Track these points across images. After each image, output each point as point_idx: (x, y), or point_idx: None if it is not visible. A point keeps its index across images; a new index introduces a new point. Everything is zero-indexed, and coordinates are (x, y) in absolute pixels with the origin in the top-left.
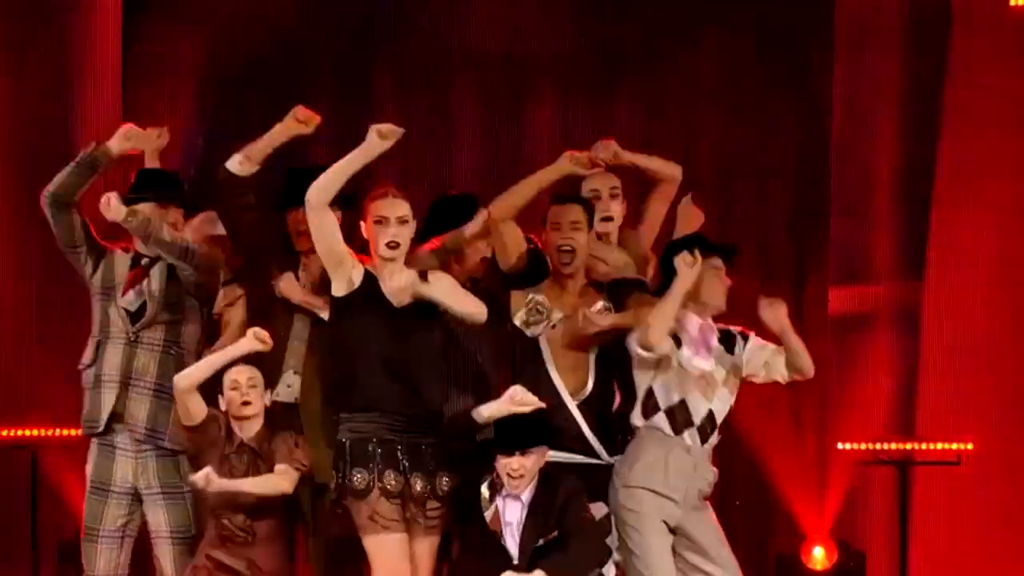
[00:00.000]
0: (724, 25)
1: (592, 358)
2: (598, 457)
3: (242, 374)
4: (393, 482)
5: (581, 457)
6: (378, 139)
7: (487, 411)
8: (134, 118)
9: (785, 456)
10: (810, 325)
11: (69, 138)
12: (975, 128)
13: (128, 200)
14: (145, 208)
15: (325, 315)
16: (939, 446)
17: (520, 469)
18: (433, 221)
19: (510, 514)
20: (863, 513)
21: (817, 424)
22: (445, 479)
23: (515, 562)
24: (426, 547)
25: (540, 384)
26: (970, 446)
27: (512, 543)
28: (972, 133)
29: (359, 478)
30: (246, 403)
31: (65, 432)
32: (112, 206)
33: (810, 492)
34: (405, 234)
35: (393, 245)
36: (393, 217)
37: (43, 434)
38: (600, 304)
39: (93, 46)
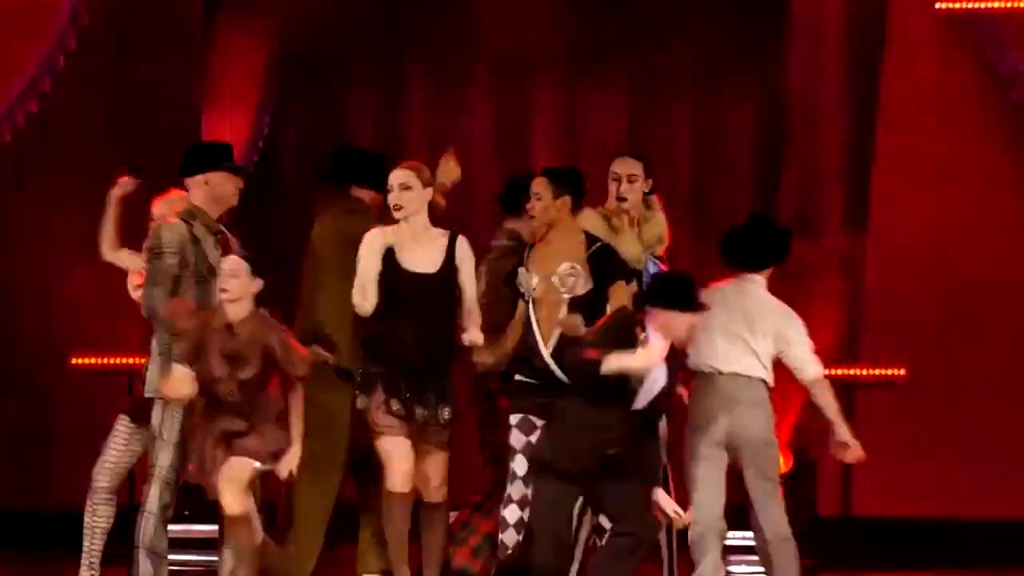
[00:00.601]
0: (699, 24)
1: (562, 313)
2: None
3: (227, 264)
4: (395, 406)
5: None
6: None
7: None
8: (214, 100)
9: None
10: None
11: (153, 119)
12: (908, 105)
13: (191, 170)
14: (218, 176)
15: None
16: (877, 372)
17: None
18: (509, 198)
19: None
20: (815, 427)
21: None
22: (446, 411)
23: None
24: (434, 462)
25: (528, 332)
26: (903, 372)
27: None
28: (906, 109)
29: (361, 400)
30: (223, 290)
31: None
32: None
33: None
34: (407, 198)
35: (396, 208)
36: (396, 184)
37: (138, 361)
38: (566, 265)
39: (178, 39)
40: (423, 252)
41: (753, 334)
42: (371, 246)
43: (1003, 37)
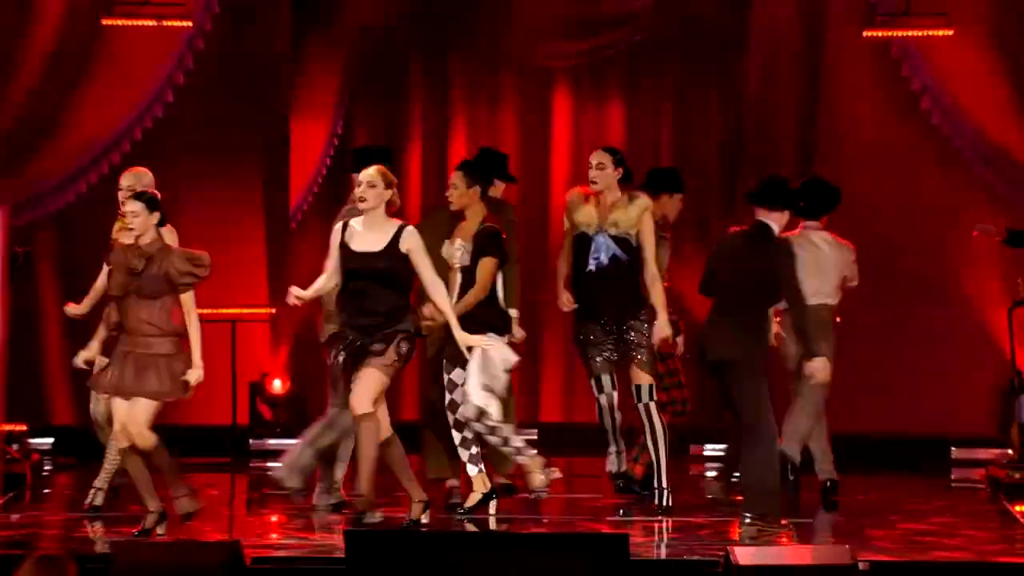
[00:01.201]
0: (679, 44)
1: (458, 276)
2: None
3: (129, 206)
4: (340, 360)
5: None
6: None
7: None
8: (299, 108)
9: None
10: None
11: (251, 122)
12: (843, 109)
13: (358, 168)
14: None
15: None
16: None
17: None
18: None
19: None
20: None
21: None
22: (376, 345)
23: None
24: (363, 376)
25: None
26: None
27: None
28: (841, 112)
29: (333, 353)
30: (130, 228)
31: (255, 310)
32: None
33: None
34: (371, 193)
35: (360, 200)
36: (364, 181)
37: (239, 311)
38: (458, 242)
39: (271, 58)
40: (373, 237)
41: (826, 269)
42: (332, 238)
43: (915, 59)
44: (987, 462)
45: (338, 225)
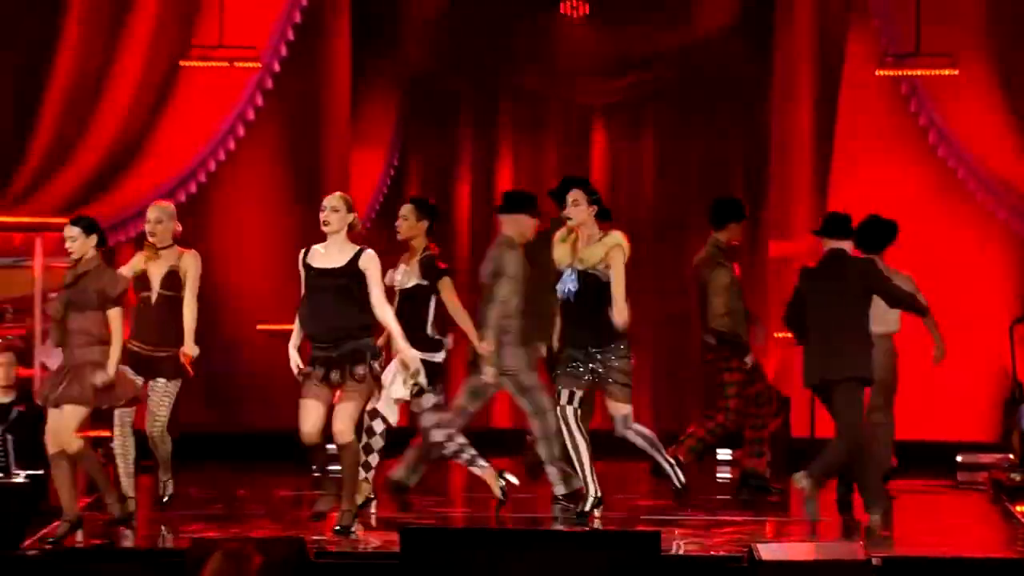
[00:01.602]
0: (707, 84)
1: (396, 300)
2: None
3: (66, 231)
4: (317, 371)
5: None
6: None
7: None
8: (360, 141)
9: None
10: (757, 264)
11: (315, 153)
12: (856, 143)
13: (508, 210)
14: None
15: None
16: None
17: None
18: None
19: None
20: (787, 373)
21: (763, 318)
22: (359, 369)
23: None
24: (345, 406)
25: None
26: None
27: None
28: (854, 145)
29: (297, 371)
30: (69, 252)
31: None
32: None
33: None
34: (334, 217)
35: (324, 223)
36: (328, 206)
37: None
38: (401, 267)
39: (333, 94)
40: (333, 256)
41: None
42: (300, 266)
43: (922, 96)
44: (990, 466)
45: (302, 251)
